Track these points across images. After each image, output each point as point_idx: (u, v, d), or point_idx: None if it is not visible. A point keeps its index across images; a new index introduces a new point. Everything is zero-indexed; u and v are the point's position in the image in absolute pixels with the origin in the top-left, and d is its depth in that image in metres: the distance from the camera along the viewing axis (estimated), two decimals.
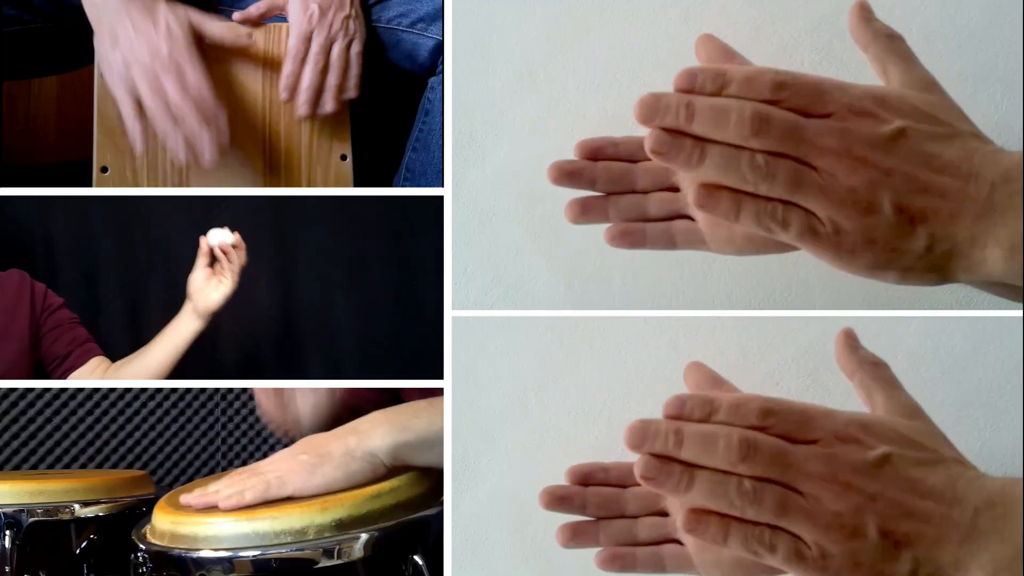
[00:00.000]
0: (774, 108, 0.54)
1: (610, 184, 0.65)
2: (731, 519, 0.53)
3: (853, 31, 0.62)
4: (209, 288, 1.08)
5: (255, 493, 0.78)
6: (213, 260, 1.08)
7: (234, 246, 1.08)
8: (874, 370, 0.61)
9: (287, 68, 1.02)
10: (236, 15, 1.04)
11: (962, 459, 0.56)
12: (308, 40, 1.02)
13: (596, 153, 0.65)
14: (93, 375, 1.14)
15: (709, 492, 0.53)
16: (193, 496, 0.81)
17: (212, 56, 1.01)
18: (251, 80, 1.05)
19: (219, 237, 1.08)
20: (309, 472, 0.79)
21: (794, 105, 0.54)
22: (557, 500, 0.66)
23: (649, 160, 0.62)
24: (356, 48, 1.04)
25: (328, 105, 1.03)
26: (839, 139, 0.53)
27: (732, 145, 0.54)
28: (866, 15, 0.62)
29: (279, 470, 0.80)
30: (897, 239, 0.53)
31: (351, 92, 1.05)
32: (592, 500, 0.66)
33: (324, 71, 1.03)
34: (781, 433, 0.54)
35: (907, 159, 0.53)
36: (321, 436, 0.83)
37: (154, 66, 0.94)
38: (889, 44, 0.60)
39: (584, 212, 0.65)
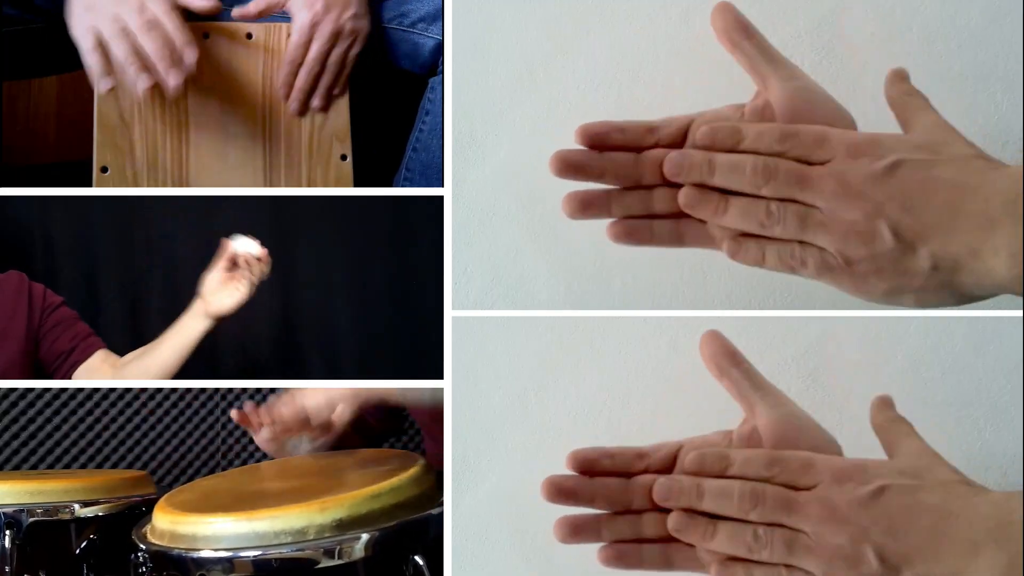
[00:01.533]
0: (780, 160, 0.60)
1: (618, 178, 0.63)
2: (752, 563, 0.59)
3: (886, 90, 0.66)
4: (224, 293, 1.08)
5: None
6: (232, 265, 1.08)
7: (259, 258, 1.08)
8: (894, 426, 0.65)
9: (284, 70, 1.03)
10: (235, 11, 1.04)
11: (965, 481, 0.59)
12: (307, 44, 1.02)
13: (602, 140, 0.63)
14: (100, 369, 1.14)
15: (728, 539, 0.60)
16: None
17: (212, 55, 1.01)
18: (251, 79, 1.05)
19: (245, 246, 1.08)
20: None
21: (798, 153, 0.60)
22: (562, 493, 0.63)
23: (655, 148, 0.63)
24: (355, 50, 1.04)
25: (315, 104, 1.04)
26: (837, 180, 0.58)
27: (749, 196, 0.60)
28: (900, 80, 0.66)
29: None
30: (902, 262, 0.57)
31: (337, 91, 1.05)
32: (600, 493, 0.63)
33: (319, 75, 1.03)
34: (785, 480, 0.60)
35: (901, 187, 0.57)
36: None
37: (117, 7, 0.93)
38: (909, 100, 0.64)
39: (585, 208, 0.63)
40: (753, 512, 0.59)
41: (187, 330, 1.10)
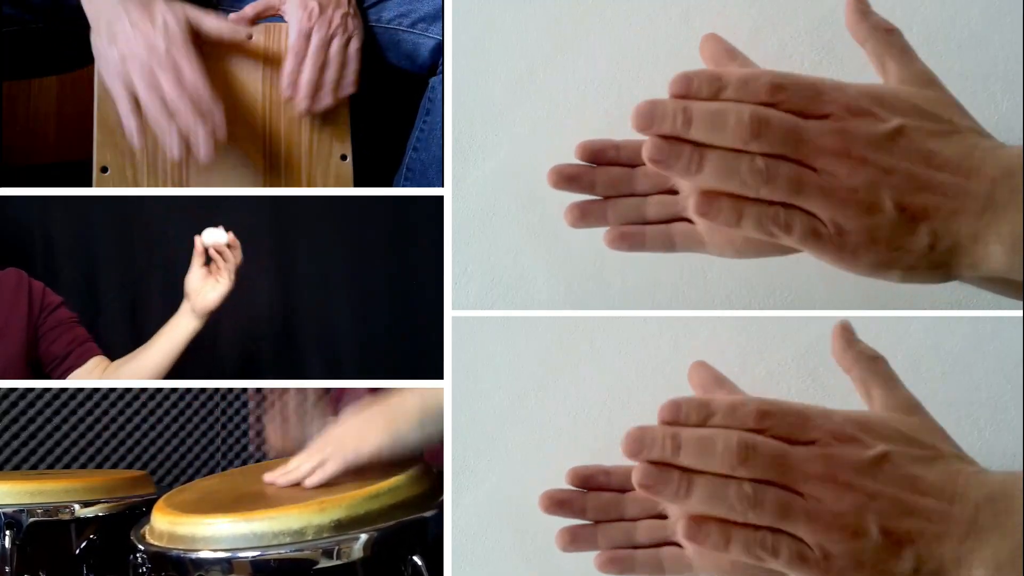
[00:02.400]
0: (772, 110, 0.54)
1: (609, 188, 0.65)
2: (732, 525, 0.53)
3: (850, 26, 0.61)
4: (206, 288, 1.08)
5: (336, 463, 0.81)
6: (209, 259, 1.08)
7: (229, 245, 1.08)
8: (871, 364, 0.61)
9: (289, 66, 1.03)
10: (232, 16, 1.04)
11: (962, 455, 0.56)
12: (308, 37, 1.02)
13: (598, 156, 0.65)
14: (92, 375, 1.14)
15: (708, 497, 0.53)
16: (276, 474, 0.83)
17: (211, 55, 1.01)
18: (251, 79, 1.05)
19: (213, 237, 1.08)
20: (385, 430, 0.82)
21: (791, 107, 0.54)
22: (557, 504, 0.65)
23: None
24: (355, 45, 1.04)
25: (325, 100, 1.04)
26: (839, 139, 0.53)
27: (731, 150, 0.54)
28: (862, 8, 0.62)
29: (354, 434, 0.82)
30: (900, 237, 0.54)
31: (349, 88, 1.05)
32: (592, 504, 0.65)
33: (323, 67, 1.03)
34: (779, 435, 0.54)
35: (907, 157, 0.53)
36: (388, 395, 0.85)
37: (150, 62, 0.94)
38: (887, 38, 0.60)
39: (583, 216, 0.65)
40: (742, 468, 0.52)
41: (177, 330, 1.10)
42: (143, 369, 1.10)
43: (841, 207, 0.53)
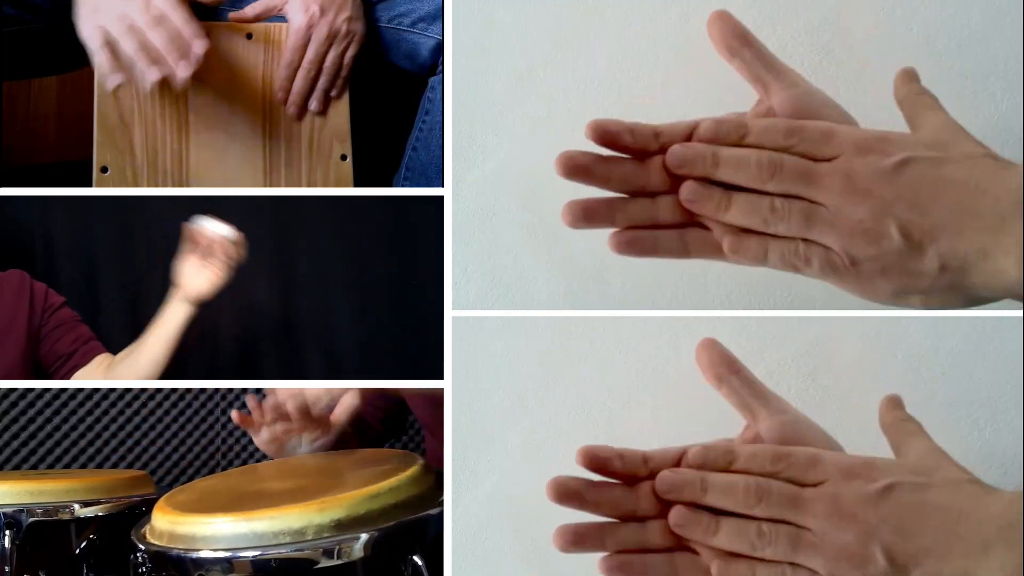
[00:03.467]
0: (786, 155, 0.59)
1: (623, 184, 0.62)
2: (756, 560, 0.58)
3: (895, 90, 0.66)
4: (199, 276, 1.09)
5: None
6: (202, 248, 1.09)
7: (234, 242, 1.08)
8: (903, 426, 0.65)
9: (281, 74, 1.03)
10: (231, 15, 1.04)
11: (975, 480, 0.58)
12: (304, 47, 1.02)
13: (613, 139, 0.61)
14: (96, 372, 1.14)
15: (732, 536, 0.58)
16: None
17: (211, 55, 1.01)
18: (251, 80, 1.05)
19: (214, 229, 1.08)
20: None
21: (804, 150, 0.59)
22: (567, 495, 0.60)
23: (661, 154, 0.62)
24: (351, 52, 1.05)
25: (313, 106, 1.04)
26: (844, 177, 0.58)
27: (753, 191, 0.59)
28: (909, 79, 0.66)
29: None
30: (909, 262, 0.57)
31: (337, 95, 1.06)
32: (606, 500, 0.61)
33: (315, 78, 1.03)
34: (791, 477, 0.59)
35: (911, 185, 0.57)
36: None
37: (129, 15, 0.93)
38: (918, 100, 0.64)
39: (588, 217, 0.62)
40: (758, 507, 0.58)
41: (169, 319, 1.10)
42: (141, 362, 1.10)
43: (850, 237, 0.57)
